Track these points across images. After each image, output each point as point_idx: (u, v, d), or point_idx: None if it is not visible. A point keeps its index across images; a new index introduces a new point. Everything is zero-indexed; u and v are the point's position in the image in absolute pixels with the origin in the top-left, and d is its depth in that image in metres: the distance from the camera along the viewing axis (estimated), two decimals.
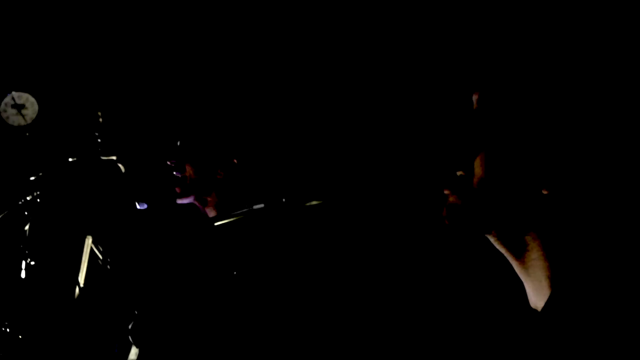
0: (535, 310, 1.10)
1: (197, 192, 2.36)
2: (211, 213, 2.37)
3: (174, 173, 2.37)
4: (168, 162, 2.37)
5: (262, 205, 1.79)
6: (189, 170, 2.35)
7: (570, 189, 1.05)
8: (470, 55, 2.67)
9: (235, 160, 2.34)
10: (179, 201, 2.38)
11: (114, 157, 2.59)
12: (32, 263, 2.60)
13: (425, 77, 2.79)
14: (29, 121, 2.83)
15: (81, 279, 2.57)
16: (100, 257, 2.62)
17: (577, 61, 1.09)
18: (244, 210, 1.84)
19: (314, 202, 1.78)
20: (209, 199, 2.35)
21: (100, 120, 2.66)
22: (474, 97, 1.13)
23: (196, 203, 2.38)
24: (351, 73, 2.95)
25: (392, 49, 2.88)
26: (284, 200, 1.79)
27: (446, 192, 1.11)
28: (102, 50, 3.21)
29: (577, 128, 1.06)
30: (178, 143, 2.39)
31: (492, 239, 1.11)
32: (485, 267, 2.50)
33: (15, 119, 2.81)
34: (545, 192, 1.06)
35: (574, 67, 1.08)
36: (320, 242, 2.28)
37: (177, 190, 2.36)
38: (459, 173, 1.11)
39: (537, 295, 1.09)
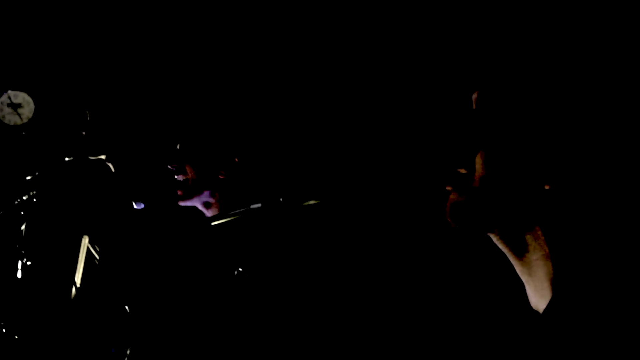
0: (536, 312, 1.09)
1: (200, 195, 2.34)
2: (214, 214, 2.36)
3: (175, 177, 2.36)
4: (169, 167, 2.36)
5: (259, 205, 1.78)
6: (190, 172, 2.34)
7: (572, 185, 1.04)
8: (469, 54, 2.67)
9: (236, 160, 2.33)
10: (182, 203, 2.37)
11: (103, 157, 2.58)
12: (29, 263, 2.59)
13: (425, 76, 2.79)
14: (25, 120, 2.82)
15: (78, 279, 2.56)
16: (97, 257, 2.61)
17: (576, 56, 1.08)
18: (242, 209, 1.83)
19: (312, 202, 1.77)
20: (212, 201, 2.34)
21: (89, 119, 2.65)
22: (474, 96, 1.12)
23: (199, 206, 2.37)
24: (351, 72, 2.95)
25: (392, 49, 2.88)
26: (281, 199, 1.78)
27: (448, 188, 1.10)
28: (99, 50, 3.21)
29: (578, 123, 1.05)
30: (178, 146, 2.38)
31: (494, 238, 1.10)
32: (486, 266, 2.50)
33: (11, 118, 2.80)
34: (547, 187, 1.05)
35: (573, 62, 1.08)
36: (319, 242, 2.27)
37: (179, 192, 2.35)
38: (461, 171, 1.10)
39: (538, 296, 1.08)
